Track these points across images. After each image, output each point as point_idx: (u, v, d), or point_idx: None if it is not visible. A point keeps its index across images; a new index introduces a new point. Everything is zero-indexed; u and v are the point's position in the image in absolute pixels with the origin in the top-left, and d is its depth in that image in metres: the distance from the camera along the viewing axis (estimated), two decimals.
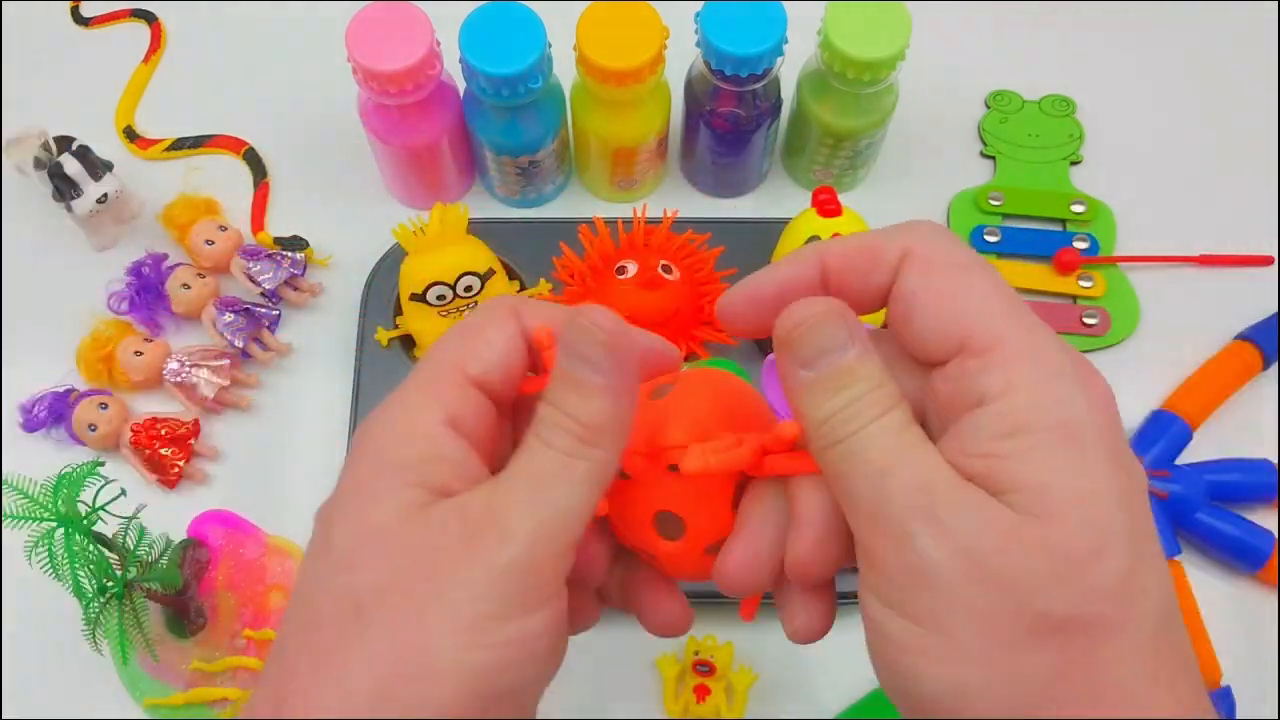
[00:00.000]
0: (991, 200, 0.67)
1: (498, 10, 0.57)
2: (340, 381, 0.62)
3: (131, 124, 0.71)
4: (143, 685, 0.57)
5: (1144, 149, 0.70)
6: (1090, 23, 0.74)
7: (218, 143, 0.70)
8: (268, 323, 0.64)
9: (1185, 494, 0.58)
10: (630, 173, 0.66)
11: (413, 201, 0.68)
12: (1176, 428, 0.61)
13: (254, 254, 0.64)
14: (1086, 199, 0.67)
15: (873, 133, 0.64)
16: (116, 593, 0.51)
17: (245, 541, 0.60)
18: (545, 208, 0.69)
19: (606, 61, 0.57)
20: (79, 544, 0.49)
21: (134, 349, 0.62)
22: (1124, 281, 0.66)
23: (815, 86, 0.62)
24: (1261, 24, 0.74)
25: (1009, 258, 0.67)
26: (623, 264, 0.59)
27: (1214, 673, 0.56)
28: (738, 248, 0.62)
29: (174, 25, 0.74)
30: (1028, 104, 0.71)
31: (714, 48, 0.57)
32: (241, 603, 0.58)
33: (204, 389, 0.61)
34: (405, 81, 0.57)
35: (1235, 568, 0.59)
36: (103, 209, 0.64)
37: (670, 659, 0.57)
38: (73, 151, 0.63)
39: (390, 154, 0.63)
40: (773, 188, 0.70)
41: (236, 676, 0.57)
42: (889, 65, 0.58)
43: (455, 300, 0.60)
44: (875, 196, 0.69)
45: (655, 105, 0.62)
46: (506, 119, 0.61)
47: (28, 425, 0.61)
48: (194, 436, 0.61)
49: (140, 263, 0.64)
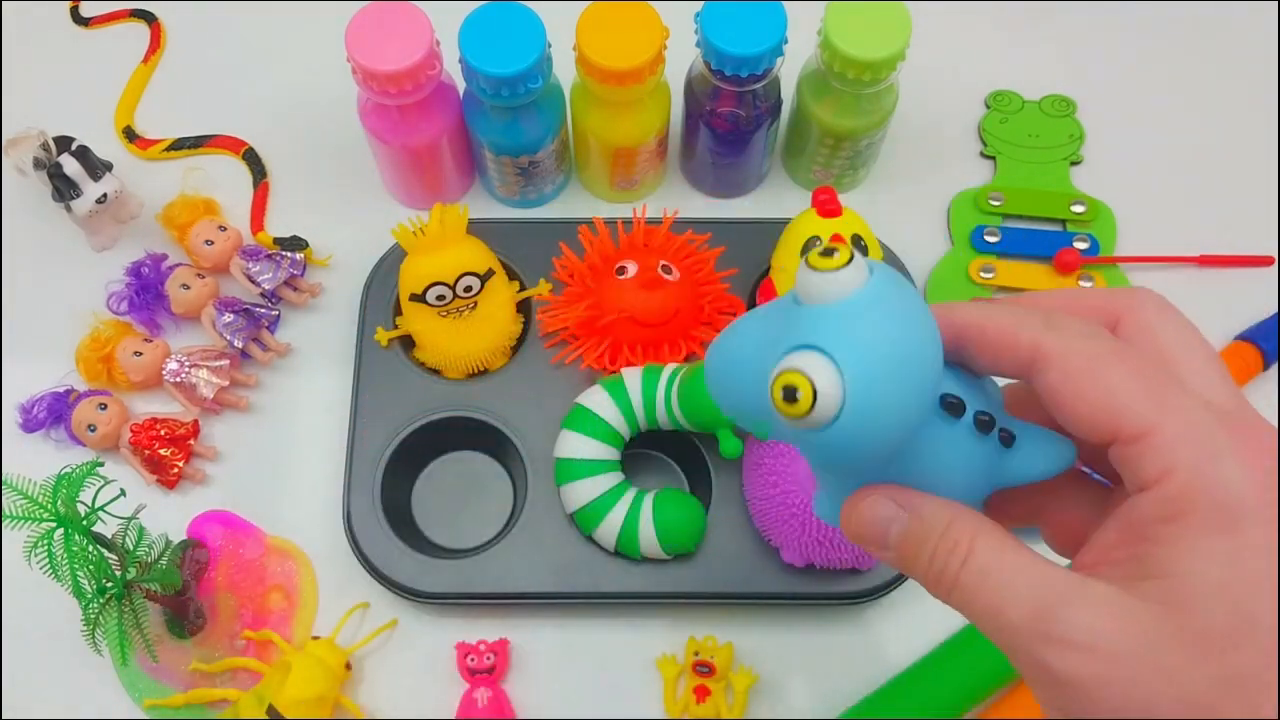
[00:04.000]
0: (991, 200, 0.67)
1: (498, 10, 0.57)
2: (340, 382, 0.62)
3: (131, 124, 0.71)
4: (142, 686, 0.57)
5: (1144, 149, 0.70)
6: (1090, 23, 0.74)
7: (217, 143, 0.70)
8: (267, 323, 0.64)
9: None
10: (630, 173, 0.66)
11: (413, 201, 0.68)
12: None
13: (254, 254, 0.64)
14: (1087, 199, 0.67)
15: (873, 133, 0.64)
16: (116, 593, 0.51)
17: (245, 542, 0.60)
18: (545, 208, 0.69)
19: (606, 61, 0.57)
20: (78, 544, 0.49)
21: (133, 349, 0.61)
22: (1124, 282, 0.66)
23: (815, 86, 0.62)
24: (1261, 24, 0.74)
25: (1009, 258, 0.67)
26: (623, 264, 0.59)
27: None
28: (738, 248, 0.62)
29: (174, 25, 0.74)
30: (1028, 104, 0.71)
31: (714, 48, 0.57)
32: (241, 603, 0.58)
33: (203, 389, 0.61)
34: (405, 81, 0.57)
35: None
36: (102, 209, 0.64)
37: (670, 659, 0.57)
38: (72, 152, 0.63)
39: (390, 154, 0.63)
40: (773, 188, 0.70)
41: (236, 677, 0.57)
42: (889, 65, 0.58)
43: (455, 300, 0.60)
44: (875, 196, 0.69)
45: (655, 105, 0.62)
46: (506, 119, 0.61)
47: (27, 425, 0.61)
48: (193, 437, 0.61)
49: (140, 263, 0.64)
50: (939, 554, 0.28)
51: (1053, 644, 0.26)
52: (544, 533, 0.58)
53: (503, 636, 0.58)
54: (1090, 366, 0.27)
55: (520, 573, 0.57)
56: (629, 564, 0.57)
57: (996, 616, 0.27)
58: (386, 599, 0.58)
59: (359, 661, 0.58)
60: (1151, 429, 0.26)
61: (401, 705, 0.57)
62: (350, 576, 0.58)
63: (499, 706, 0.56)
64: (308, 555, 0.60)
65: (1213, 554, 0.25)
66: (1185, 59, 0.73)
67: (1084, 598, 0.26)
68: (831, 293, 0.25)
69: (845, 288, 0.25)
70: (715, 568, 0.57)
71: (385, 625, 0.58)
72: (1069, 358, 0.27)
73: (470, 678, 0.57)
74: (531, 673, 0.58)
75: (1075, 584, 0.26)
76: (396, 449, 0.59)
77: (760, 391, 0.26)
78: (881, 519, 0.29)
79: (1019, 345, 0.28)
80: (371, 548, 0.57)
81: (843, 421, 0.25)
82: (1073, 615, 0.26)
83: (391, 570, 0.57)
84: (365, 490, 0.58)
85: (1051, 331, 0.28)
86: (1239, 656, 0.25)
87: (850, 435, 0.25)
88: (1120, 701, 0.25)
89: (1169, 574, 0.25)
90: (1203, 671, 0.25)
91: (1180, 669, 0.25)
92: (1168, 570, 0.25)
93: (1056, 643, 0.26)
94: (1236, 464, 0.26)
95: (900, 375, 0.25)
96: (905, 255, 0.64)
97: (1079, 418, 0.27)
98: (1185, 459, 0.26)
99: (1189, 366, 0.28)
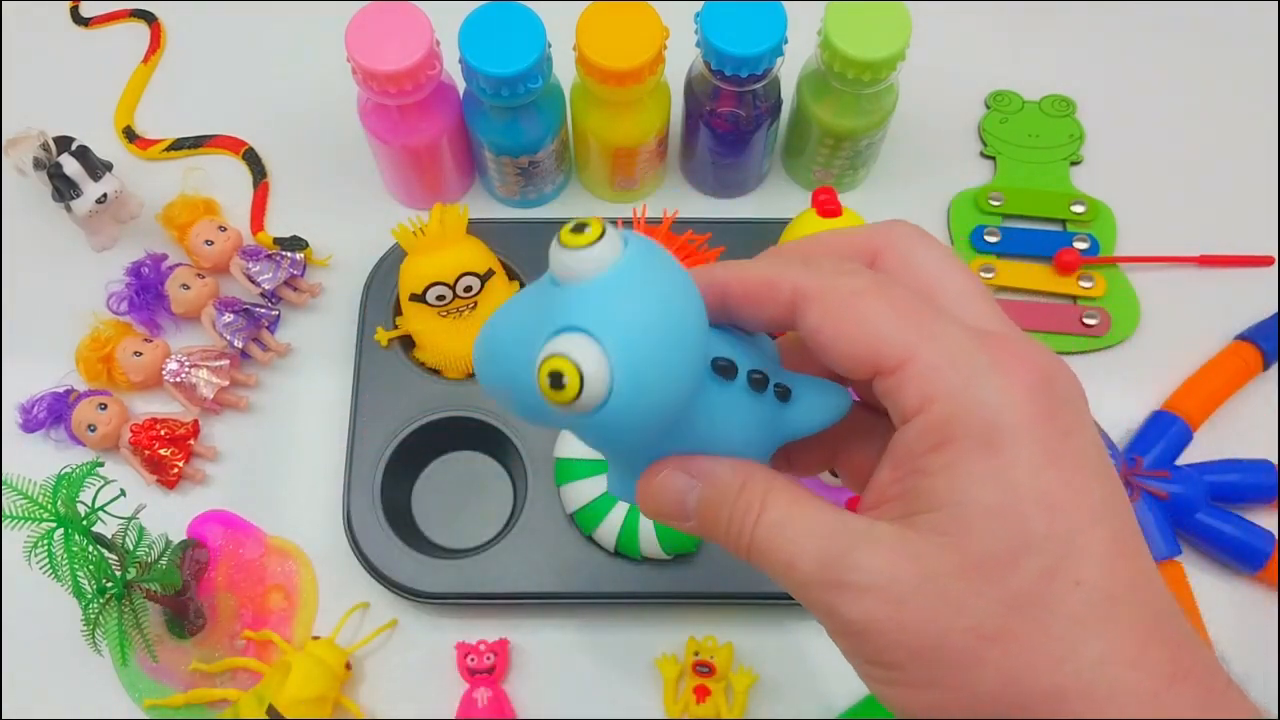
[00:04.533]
0: (991, 200, 0.67)
1: (498, 10, 0.57)
2: (340, 382, 0.62)
3: (131, 124, 0.71)
4: (142, 686, 0.57)
5: (1144, 149, 0.70)
6: (1090, 23, 0.74)
7: (217, 143, 0.70)
8: (267, 323, 0.64)
9: (1185, 495, 0.58)
10: (630, 173, 0.65)
11: (413, 201, 0.68)
12: (1177, 428, 0.60)
13: (253, 254, 0.64)
14: (1086, 199, 0.67)
15: (873, 133, 0.64)
16: (116, 593, 0.51)
17: (245, 542, 0.60)
18: (545, 208, 0.69)
19: (606, 62, 0.57)
20: (78, 544, 0.49)
21: (133, 349, 0.61)
22: (1124, 282, 0.66)
23: (815, 86, 0.62)
24: (1261, 24, 0.74)
25: (1009, 258, 0.67)
26: None
27: None
28: (738, 248, 0.61)
29: (174, 25, 0.74)
30: (1028, 104, 0.71)
31: (714, 48, 0.57)
32: (241, 603, 0.58)
33: (203, 389, 0.61)
34: (405, 81, 0.57)
35: (1235, 568, 0.59)
36: (102, 209, 0.64)
37: (670, 659, 0.57)
38: (72, 152, 0.63)
39: (390, 154, 0.63)
40: (773, 188, 0.69)
41: (236, 677, 0.57)
42: (889, 65, 0.58)
43: (455, 300, 0.60)
44: (875, 196, 0.69)
45: (655, 105, 0.62)
46: (506, 119, 0.61)
47: (27, 425, 0.61)
48: (193, 437, 0.61)
49: (140, 263, 0.64)
50: (735, 516, 0.28)
51: (842, 591, 0.26)
52: (544, 533, 0.58)
53: (503, 636, 0.58)
54: (847, 302, 0.27)
55: (520, 573, 0.57)
56: (629, 564, 0.57)
57: (789, 570, 0.27)
58: (386, 599, 0.58)
59: (359, 661, 0.58)
60: (910, 358, 0.26)
61: (401, 705, 0.57)
62: (350, 576, 0.58)
63: (499, 706, 0.56)
64: (308, 555, 0.60)
65: (981, 478, 0.25)
66: (1185, 59, 0.73)
67: (868, 540, 0.26)
68: (587, 270, 0.24)
69: (601, 263, 0.24)
70: (715, 568, 0.57)
71: (385, 625, 0.58)
72: (826, 296, 0.27)
73: (470, 678, 0.57)
74: (531, 673, 0.58)
75: (861, 528, 0.26)
76: (396, 449, 0.59)
77: (528, 381, 0.24)
78: (676, 491, 0.28)
79: (779, 292, 0.28)
80: (371, 548, 0.57)
81: (614, 401, 0.24)
82: (858, 559, 0.26)
83: (391, 570, 0.57)
84: (365, 490, 0.58)
85: (809, 273, 0.28)
86: (1019, 577, 0.24)
87: (624, 414, 0.24)
88: (915, 640, 0.25)
89: (942, 504, 0.25)
90: (988, 597, 0.25)
91: (966, 598, 0.25)
92: (941, 500, 0.25)
93: (845, 589, 0.26)
94: (996, 384, 0.25)
95: (666, 346, 0.25)
96: None
97: (840, 355, 0.27)
98: (944, 384, 0.25)
99: (949, 292, 0.28)
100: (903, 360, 0.26)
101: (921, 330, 0.26)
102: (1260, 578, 0.59)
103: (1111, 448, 0.58)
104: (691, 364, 0.26)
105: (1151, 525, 0.58)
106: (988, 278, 0.65)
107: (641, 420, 0.25)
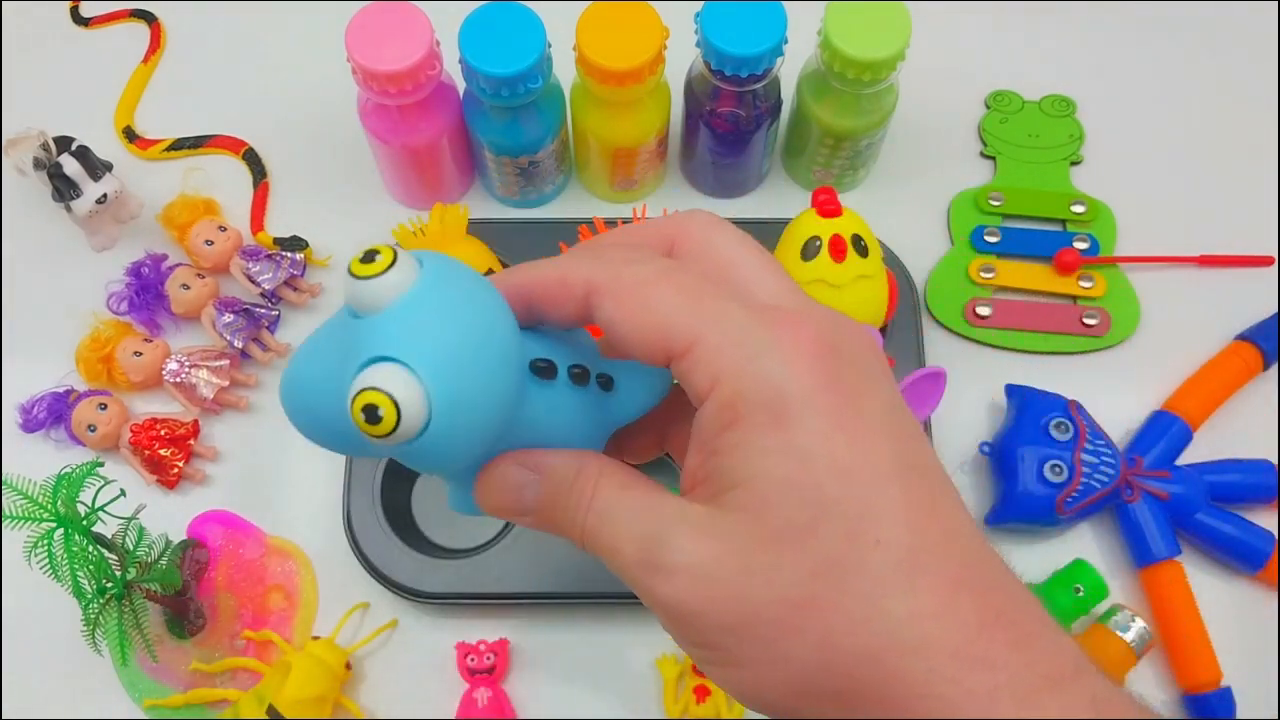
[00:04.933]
0: (991, 200, 0.67)
1: (498, 10, 0.57)
2: None
3: (131, 124, 0.71)
4: (142, 686, 0.57)
5: (1144, 149, 0.70)
6: (1090, 23, 0.74)
7: (217, 143, 0.70)
8: (267, 323, 0.64)
9: (1185, 494, 0.58)
10: (630, 173, 0.66)
11: (413, 201, 0.68)
12: (1177, 428, 0.60)
13: (253, 254, 0.64)
14: (1086, 199, 0.67)
15: (873, 133, 0.64)
16: (116, 593, 0.51)
17: (245, 542, 0.60)
18: (545, 208, 0.69)
19: (606, 62, 0.57)
20: (78, 544, 0.49)
21: (133, 349, 0.61)
22: (1124, 282, 0.66)
23: (815, 86, 0.62)
24: (1261, 24, 0.74)
25: (1009, 258, 0.67)
26: None
27: (1214, 673, 0.56)
28: None
29: (174, 25, 0.74)
30: (1028, 104, 0.71)
31: (714, 48, 0.57)
32: (241, 603, 0.58)
33: (203, 389, 0.61)
34: (405, 81, 0.57)
35: (1235, 568, 0.59)
36: (102, 209, 0.64)
37: (670, 659, 0.57)
38: (72, 152, 0.63)
39: (390, 154, 0.63)
40: (773, 188, 0.69)
41: (236, 677, 0.57)
42: (889, 65, 0.58)
43: None
44: (875, 196, 0.69)
45: (655, 105, 0.62)
46: (506, 119, 0.61)
47: (27, 425, 0.61)
48: (193, 437, 0.61)
49: (140, 263, 0.64)
50: (569, 506, 0.28)
51: (657, 573, 0.26)
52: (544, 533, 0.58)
53: (503, 636, 0.58)
54: (635, 291, 0.27)
55: (520, 573, 0.57)
56: None
57: (615, 556, 0.27)
58: (386, 599, 0.58)
59: (359, 661, 0.58)
60: (696, 340, 0.26)
61: (401, 705, 0.57)
62: (350, 576, 0.58)
63: (499, 706, 0.56)
64: (308, 555, 0.60)
65: (771, 451, 0.25)
66: (1185, 59, 0.73)
67: (680, 522, 0.26)
68: (385, 298, 0.24)
69: (398, 289, 0.24)
70: None
71: (385, 625, 0.58)
72: (616, 287, 0.27)
73: (470, 678, 0.57)
74: (531, 673, 0.58)
75: (676, 511, 0.27)
76: None
77: (342, 418, 0.24)
78: (514, 486, 0.28)
79: (573, 288, 0.28)
80: (371, 548, 0.57)
81: (435, 425, 0.24)
82: (671, 542, 0.26)
83: (391, 570, 0.57)
84: (365, 490, 0.58)
85: (599, 266, 0.28)
86: (820, 543, 0.25)
87: (446, 435, 0.24)
88: (729, 618, 0.25)
89: (739, 481, 0.26)
90: (792, 567, 0.25)
91: (772, 571, 0.25)
92: (739, 477, 0.26)
93: (659, 571, 0.26)
94: (778, 358, 0.26)
95: (478, 360, 0.24)
96: (905, 255, 0.64)
97: (635, 343, 0.27)
98: (728, 364, 0.26)
99: (742, 274, 0.28)
100: (690, 343, 0.26)
101: (705, 312, 0.27)
102: (1260, 578, 0.59)
103: (1111, 447, 0.58)
104: (507, 373, 0.26)
105: (1151, 525, 0.58)
106: (988, 278, 0.65)
107: (465, 437, 0.25)
